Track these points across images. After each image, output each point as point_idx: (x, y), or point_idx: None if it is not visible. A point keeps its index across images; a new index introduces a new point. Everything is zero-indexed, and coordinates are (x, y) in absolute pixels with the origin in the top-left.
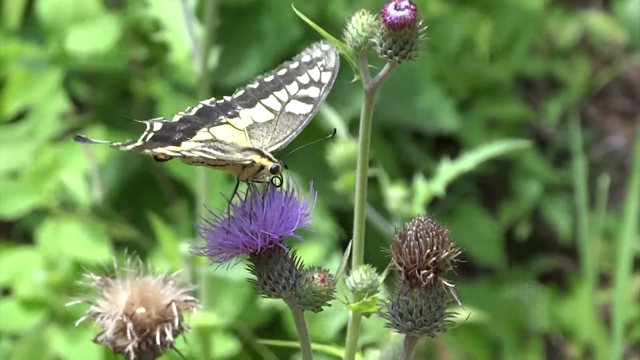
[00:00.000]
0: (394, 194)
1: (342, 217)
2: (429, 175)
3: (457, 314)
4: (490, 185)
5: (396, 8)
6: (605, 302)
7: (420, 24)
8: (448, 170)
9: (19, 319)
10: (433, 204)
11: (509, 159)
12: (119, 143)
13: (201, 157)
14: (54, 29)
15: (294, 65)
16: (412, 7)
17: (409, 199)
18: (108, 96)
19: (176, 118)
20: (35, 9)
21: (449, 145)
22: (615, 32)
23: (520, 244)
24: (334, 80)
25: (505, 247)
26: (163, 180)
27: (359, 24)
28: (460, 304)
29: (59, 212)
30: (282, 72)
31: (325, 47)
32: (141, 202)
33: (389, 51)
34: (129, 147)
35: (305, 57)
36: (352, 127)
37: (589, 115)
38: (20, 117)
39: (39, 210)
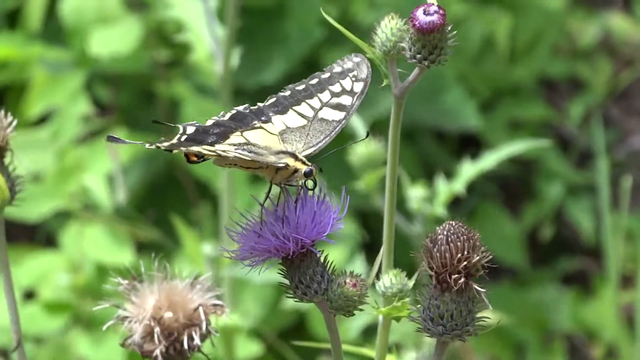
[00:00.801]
0: (415, 194)
1: (364, 218)
2: (450, 175)
3: (488, 317)
4: (512, 186)
5: (425, 13)
6: (629, 303)
7: (449, 28)
8: (469, 169)
9: (43, 322)
10: (455, 204)
11: (531, 160)
12: (154, 142)
13: (236, 157)
14: (77, 30)
15: (325, 75)
16: (441, 11)
17: (430, 199)
18: (131, 98)
19: (209, 122)
20: (57, 10)
21: (472, 146)
22: (636, 33)
23: (544, 245)
24: (366, 90)
25: (528, 248)
26: (187, 182)
27: (388, 28)
28: (490, 308)
29: (82, 214)
30: (314, 81)
31: (356, 59)
32: (165, 203)
33: (418, 56)
34: (165, 144)
35: (336, 68)
36: (374, 128)
37: (611, 116)
38: (43, 119)
39: (62, 213)
